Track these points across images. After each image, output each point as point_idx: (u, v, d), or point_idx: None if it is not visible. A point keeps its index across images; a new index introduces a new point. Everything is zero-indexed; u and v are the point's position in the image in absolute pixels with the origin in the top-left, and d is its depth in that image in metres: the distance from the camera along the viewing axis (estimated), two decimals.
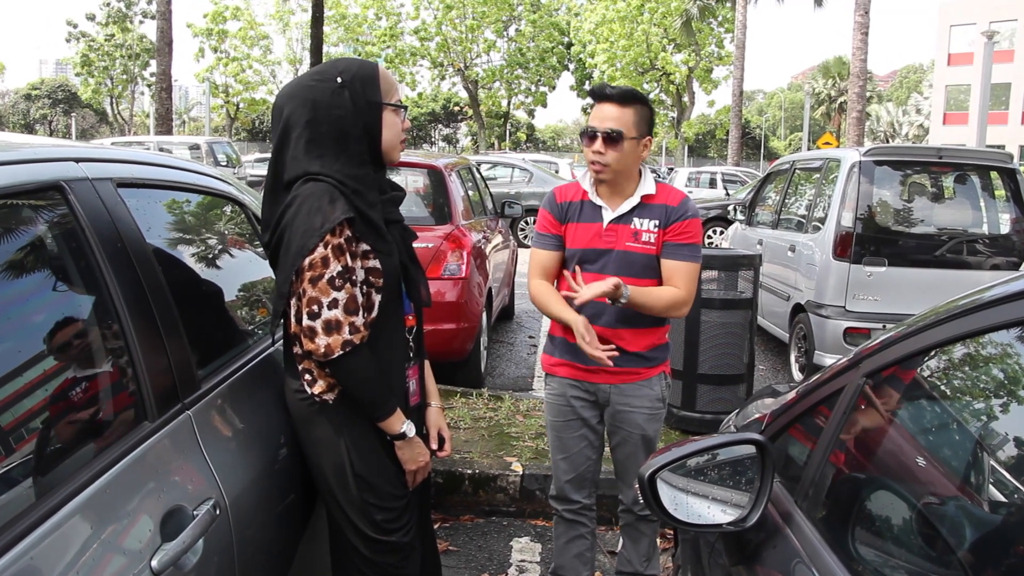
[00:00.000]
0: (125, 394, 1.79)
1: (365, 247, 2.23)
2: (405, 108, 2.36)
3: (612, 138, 2.87)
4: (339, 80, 2.25)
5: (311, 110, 2.23)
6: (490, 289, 7.07)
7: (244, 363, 2.34)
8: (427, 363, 2.59)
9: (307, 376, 2.26)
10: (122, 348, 1.77)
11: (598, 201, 3.00)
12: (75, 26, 56.18)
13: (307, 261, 2.13)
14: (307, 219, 2.14)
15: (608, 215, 2.98)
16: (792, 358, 7.34)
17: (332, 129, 2.23)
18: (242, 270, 2.83)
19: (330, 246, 2.14)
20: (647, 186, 2.99)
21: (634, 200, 2.97)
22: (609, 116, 2.89)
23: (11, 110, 68.80)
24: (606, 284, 2.78)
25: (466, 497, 4.47)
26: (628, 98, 2.91)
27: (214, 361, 2.23)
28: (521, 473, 4.47)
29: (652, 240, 2.95)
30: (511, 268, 9.07)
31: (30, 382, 1.59)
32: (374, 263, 2.25)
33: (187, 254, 2.47)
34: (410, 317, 2.43)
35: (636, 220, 2.96)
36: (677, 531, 2.90)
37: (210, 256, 2.64)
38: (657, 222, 2.95)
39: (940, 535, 1.44)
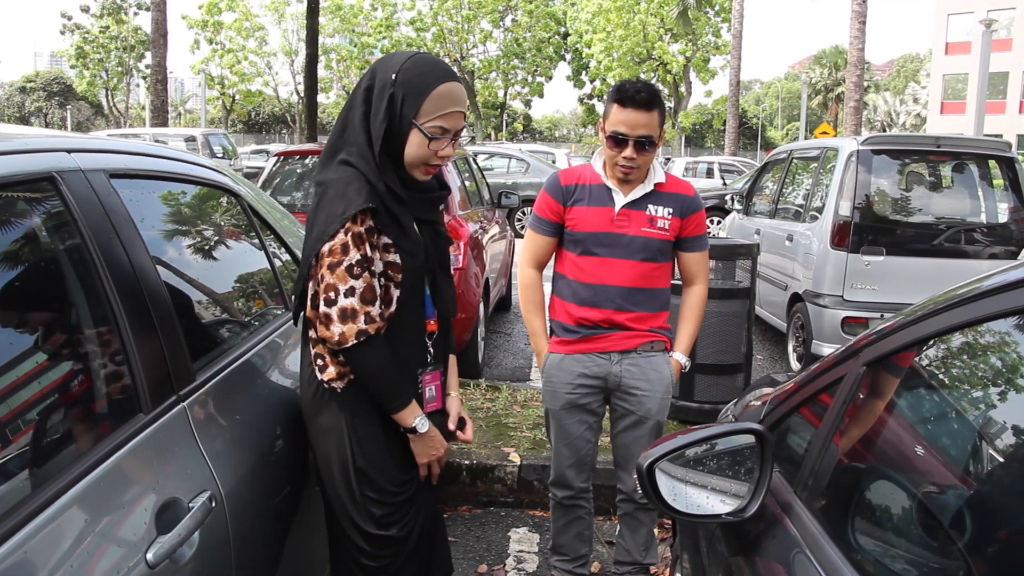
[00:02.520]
0: (119, 386, 1.77)
1: (387, 240, 2.21)
2: (436, 138, 2.22)
3: (643, 144, 2.94)
4: (393, 77, 2.20)
5: (375, 86, 2.22)
6: (487, 280, 7.06)
7: (240, 355, 2.32)
8: (453, 358, 2.54)
9: (319, 361, 2.25)
10: (116, 340, 1.76)
11: (610, 184, 3.05)
12: (69, 18, 56.05)
13: (327, 247, 2.13)
14: (330, 205, 2.14)
15: (620, 199, 3.04)
16: (790, 348, 7.34)
17: (383, 116, 2.20)
18: (238, 261, 2.81)
19: (351, 233, 2.13)
20: (658, 175, 3.08)
21: (647, 187, 3.05)
22: (640, 123, 2.93)
23: (6, 103, 68.64)
24: (678, 373, 3.17)
25: (464, 488, 4.46)
26: (652, 102, 2.95)
27: (209, 353, 2.21)
28: (519, 463, 4.46)
29: (667, 227, 3.05)
30: (508, 259, 9.06)
31: (23, 375, 1.58)
32: (394, 257, 2.23)
33: (182, 245, 2.46)
34: (431, 322, 2.39)
35: (651, 207, 3.05)
36: (675, 521, 2.90)
37: (205, 247, 2.62)
38: (671, 210, 3.06)
39: (940, 524, 1.43)
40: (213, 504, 1.82)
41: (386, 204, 2.19)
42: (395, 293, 2.25)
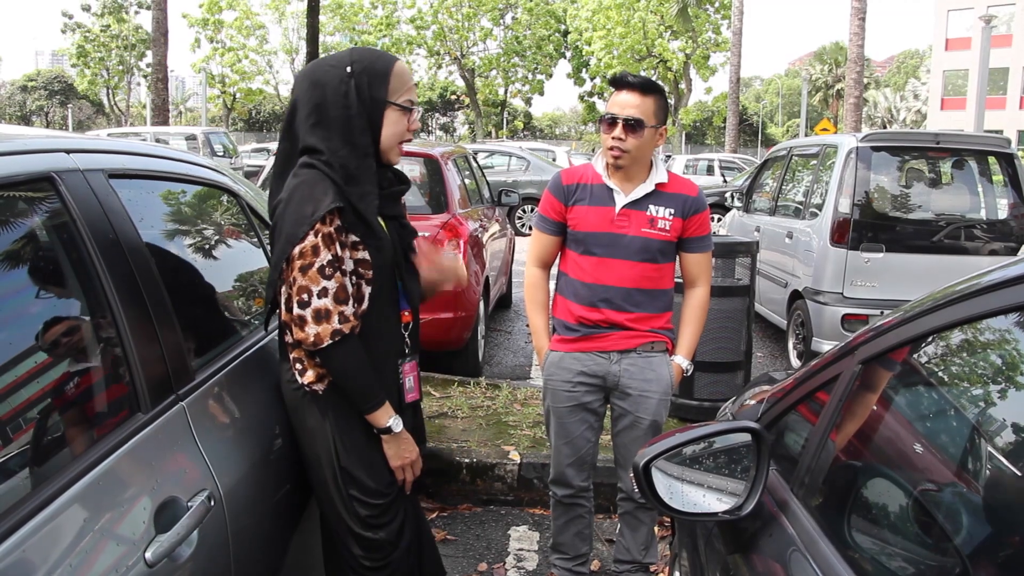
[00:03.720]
0: (118, 386, 1.78)
1: (354, 238, 2.22)
2: (411, 109, 2.32)
3: (632, 126, 2.93)
4: (348, 70, 2.24)
5: (321, 94, 2.24)
6: (487, 278, 7.06)
7: (239, 354, 2.33)
8: None
9: (298, 365, 2.25)
10: (115, 340, 1.77)
11: (611, 184, 3.03)
12: (71, 17, 56.08)
13: (297, 249, 2.13)
14: (298, 207, 2.14)
15: (621, 199, 3.02)
16: (790, 345, 7.34)
17: (339, 116, 2.22)
18: (236, 260, 2.82)
19: (320, 235, 2.13)
20: (660, 174, 3.06)
21: (648, 187, 3.03)
22: (630, 104, 2.95)
23: (7, 102, 68.59)
24: (679, 376, 3.16)
25: (464, 486, 4.46)
26: (648, 88, 2.98)
27: (208, 352, 2.22)
28: (519, 462, 4.46)
29: (668, 227, 3.03)
30: (508, 257, 9.06)
31: (22, 375, 1.59)
32: (363, 254, 2.24)
33: (181, 245, 2.46)
34: (406, 313, 2.41)
35: (651, 207, 3.02)
36: (674, 519, 2.90)
37: (204, 246, 2.63)
38: (673, 210, 3.03)
39: (937, 522, 1.43)
40: (212, 503, 1.83)
41: (351, 202, 2.20)
42: (367, 290, 2.26)
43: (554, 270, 3.27)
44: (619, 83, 3.01)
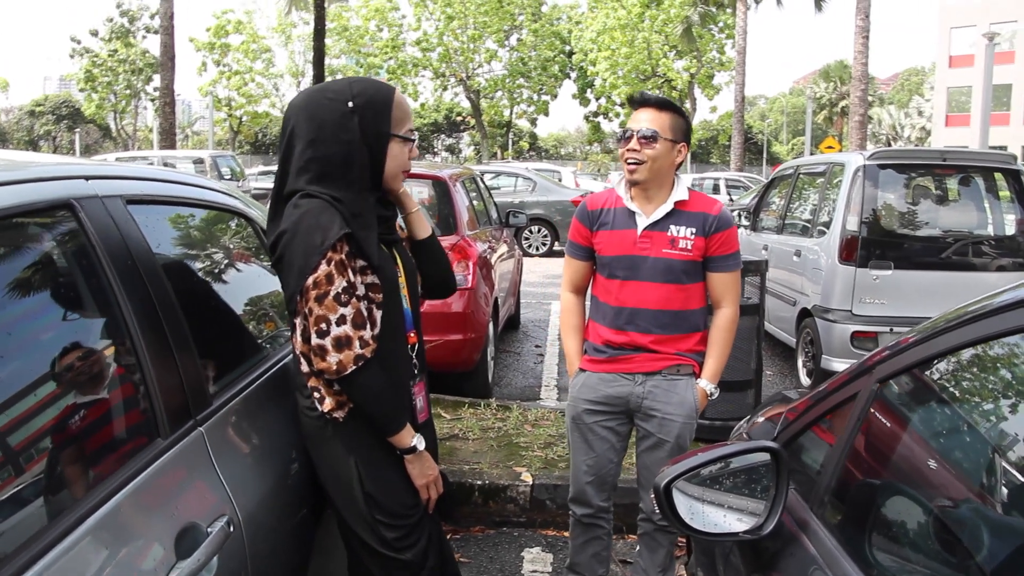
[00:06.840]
0: (137, 412, 1.79)
1: (363, 263, 2.23)
2: (413, 140, 2.34)
3: (647, 137, 2.95)
4: (350, 104, 2.23)
5: (318, 129, 2.23)
6: (496, 299, 7.06)
7: (255, 378, 2.34)
8: None
9: (316, 395, 2.25)
10: (133, 365, 1.78)
11: (632, 207, 3.04)
12: (79, 42, 56.49)
13: (311, 280, 2.12)
14: (306, 237, 2.13)
15: (643, 222, 3.03)
16: (799, 363, 7.33)
17: (337, 152, 2.22)
18: (251, 284, 2.83)
19: (333, 262, 2.13)
20: (680, 192, 3.05)
21: (668, 206, 3.02)
22: (645, 118, 2.98)
23: (15, 126, 69.04)
24: (703, 400, 3.11)
25: (476, 508, 4.45)
26: (664, 105, 3.03)
27: (225, 377, 2.23)
28: (531, 483, 4.45)
29: (690, 247, 3.00)
30: (516, 278, 9.06)
31: (41, 400, 1.59)
32: (372, 279, 2.24)
33: (197, 269, 2.48)
34: (411, 334, 2.42)
35: (673, 227, 3.01)
36: (690, 539, 2.89)
37: (219, 270, 2.64)
38: (695, 229, 3.01)
39: (958, 540, 1.43)
40: (231, 528, 1.83)
41: (353, 228, 2.19)
42: (378, 314, 2.26)
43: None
44: (635, 102, 3.05)
